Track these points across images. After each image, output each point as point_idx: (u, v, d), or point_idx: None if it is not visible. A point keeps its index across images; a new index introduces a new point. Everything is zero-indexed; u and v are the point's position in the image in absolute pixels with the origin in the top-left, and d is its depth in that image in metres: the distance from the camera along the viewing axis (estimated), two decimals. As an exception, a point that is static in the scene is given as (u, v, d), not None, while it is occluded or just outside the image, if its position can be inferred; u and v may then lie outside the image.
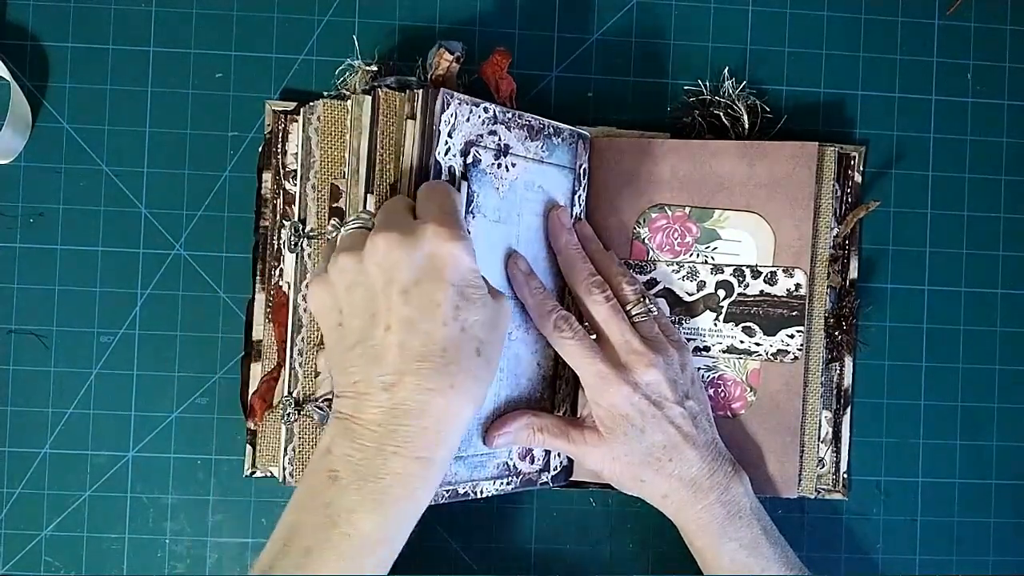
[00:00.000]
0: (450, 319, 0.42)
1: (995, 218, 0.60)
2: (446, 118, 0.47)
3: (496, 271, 0.51)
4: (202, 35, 0.57)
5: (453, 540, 0.58)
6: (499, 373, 0.52)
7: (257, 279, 0.55)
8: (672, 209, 0.55)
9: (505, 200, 0.51)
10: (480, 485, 0.51)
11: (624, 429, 0.50)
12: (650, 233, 0.56)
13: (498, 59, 0.53)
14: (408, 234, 0.41)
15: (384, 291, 0.42)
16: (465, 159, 0.49)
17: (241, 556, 0.57)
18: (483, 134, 0.49)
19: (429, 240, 0.41)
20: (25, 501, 0.56)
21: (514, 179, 0.51)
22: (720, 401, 0.56)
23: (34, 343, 0.56)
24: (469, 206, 0.49)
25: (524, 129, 0.52)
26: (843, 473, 0.58)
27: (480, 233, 0.50)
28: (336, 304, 0.43)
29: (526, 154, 0.52)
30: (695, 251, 0.55)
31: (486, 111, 0.49)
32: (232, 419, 0.56)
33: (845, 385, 0.58)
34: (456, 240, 0.42)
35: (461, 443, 0.50)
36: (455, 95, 0.48)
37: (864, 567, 0.59)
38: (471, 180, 0.49)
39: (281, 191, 0.55)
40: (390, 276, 0.41)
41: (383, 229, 0.42)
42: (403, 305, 0.41)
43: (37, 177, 0.56)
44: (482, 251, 0.50)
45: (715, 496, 0.51)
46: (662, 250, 0.56)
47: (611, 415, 0.50)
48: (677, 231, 0.55)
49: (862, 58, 0.59)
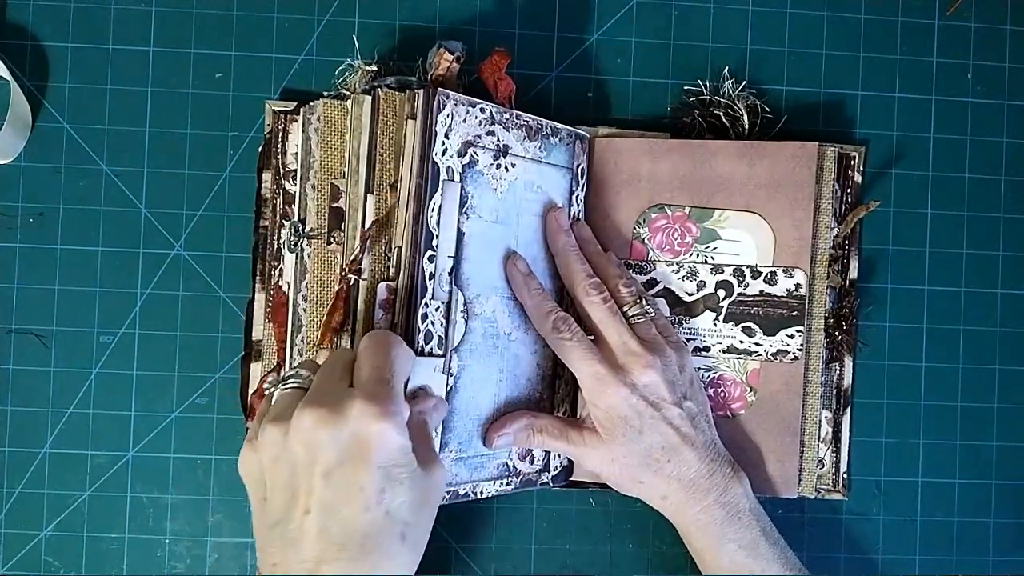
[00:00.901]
0: (373, 504, 0.40)
1: (995, 218, 0.60)
2: (442, 118, 0.47)
3: (494, 272, 0.51)
4: (202, 35, 0.57)
5: (453, 540, 0.58)
6: (499, 374, 0.52)
7: (257, 279, 0.55)
8: (672, 209, 0.55)
9: (504, 201, 0.51)
10: (480, 486, 0.52)
11: (622, 431, 0.50)
12: (650, 233, 0.55)
13: (497, 59, 0.53)
14: (335, 411, 0.39)
15: (307, 471, 0.40)
16: (462, 159, 0.49)
17: (241, 556, 0.57)
18: (481, 134, 0.49)
19: (355, 419, 0.39)
20: (25, 501, 0.56)
21: (513, 179, 0.51)
22: (720, 401, 0.55)
23: (34, 343, 0.56)
24: (463, 207, 0.49)
25: (523, 129, 0.52)
26: (843, 473, 0.58)
27: (477, 234, 0.50)
28: (261, 476, 0.42)
29: (525, 154, 0.52)
30: (695, 251, 0.55)
31: (483, 111, 0.49)
32: (232, 419, 0.56)
33: (845, 385, 0.58)
34: (384, 418, 0.39)
35: (460, 445, 0.50)
36: (451, 95, 0.48)
37: (864, 567, 0.59)
38: (465, 181, 0.49)
39: (281, 191, 0.55)
40: (313, 456, 0.40)
41: (312, 401, 0.40)
42: (324, 488, 0.39)
43: (37, 177, 0.56)
44: (479, 252, 0.50)
45: (714, 497, 0.51)
46: (662, 250, 0.56)
47: (609, 416, 0.50)
48: (677, 231, 0.55)
49: (862, 58, 0.59)
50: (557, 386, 0.55)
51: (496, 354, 0.52)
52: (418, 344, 0.47)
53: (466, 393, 0.50)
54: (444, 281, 0.48)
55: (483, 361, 0.51)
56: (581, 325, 0.51)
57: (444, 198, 0.48)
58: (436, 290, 0.48)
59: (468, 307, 0.50)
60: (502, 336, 0.52)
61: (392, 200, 0.49)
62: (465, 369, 0.50)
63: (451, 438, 0.50)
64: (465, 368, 0.50)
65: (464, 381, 0.50)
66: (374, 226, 0.50)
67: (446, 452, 0.49)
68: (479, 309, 0.50)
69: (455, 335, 0.49)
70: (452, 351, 0.49)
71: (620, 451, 0.51)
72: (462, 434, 0.50)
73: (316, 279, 0.53)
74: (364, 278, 0.50)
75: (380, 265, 0.50)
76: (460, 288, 0.49)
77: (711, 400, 0.55)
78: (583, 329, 0.51)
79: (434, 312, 0.48)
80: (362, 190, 0.50)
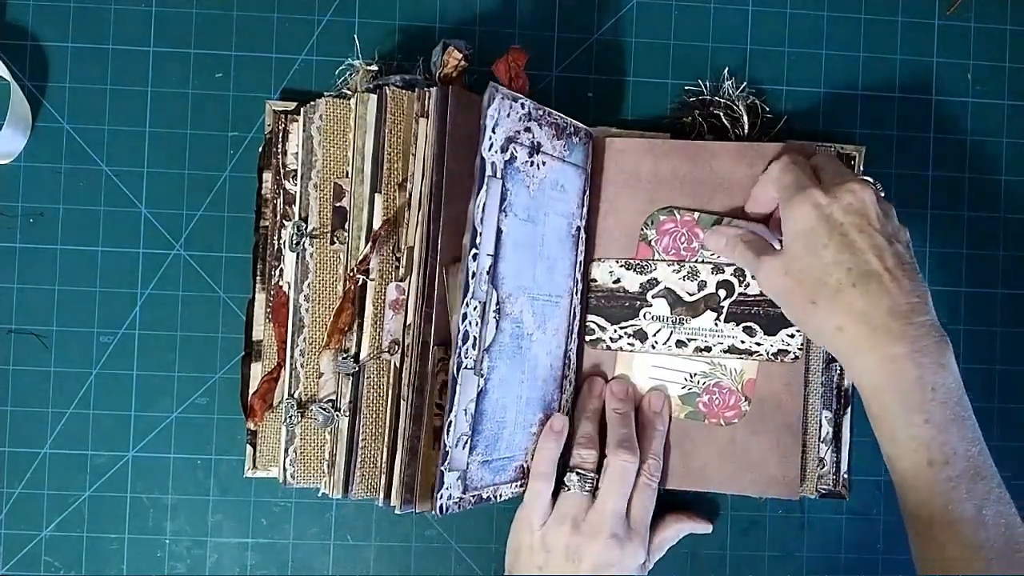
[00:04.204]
0: None
1: (995, 218, 0.60)
2: (491, 112, 0.46)
3: (524, 271, 0.50)
4: (202, 35, 0.57)
5: (453, 540, 0.58)
6: (521, 375, 0.51)
7: (257, 279, 0.55)
8: (681, 213, 0.55)
9: (534, 199, 0.50)
10: (500, 489, 0.51)
11: (805, 241, 0.46)
12: (657, 235, 0.55)
13: (514, 57, 0.53)
14: None
15: None
16: (504, 155, 0.48)
17: (241, 556, 0.57)
18: (519, 130, 0.48)
19: None
20: (25, 501, 0.56)
21: (543, 177, 0.51)
22: (713, 408, 0.55)
23: (34, 343, 0.56)
24: (503, 204, 0.48)
25: (552, 127, 0.51)
26: (843, 473, 0.58)
27: (512, 232, 0.49)
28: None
29: (553, 152, 0.51)
30: (700, 256, 0.55)
31: (523, 107, 0.48)
32: (232, 419, 0.56)
33: (845, 385, 0.58)
34: None
35: (487, 448, 0.49)
36: (500, 89, 0.46)
37: (864, 567, 0.59)
38: (505, 177, 0.48)
39: (281, 191, 0.55)
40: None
41: None
42: None
43: (37, 177, 0.56)
44: (513, 251, 0.49)
45: (905, 348, 0.42)
46: (667, 252, 0.55)
47: (796, 226, 0.46)
48: (684, 236, 0.55)
49: (862, 58, 0.59)
50: (564, 385, 0.55)
51: (520, 355, 0.51)
52: (456, 346, 0.46)
53: (494, 395, 0.49)
54: (483, 280, 0.47)
55: (509, 362, 0.50)
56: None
57: (488, 195, 0.47)
58: (476, 289, 0.47)
59: (500, 307, 0.49)
60: (526, 337, 0.51)
61: (401, 200, 0.49)
62: (495, 370, 0.49)
63: (479, 441, 0.49)
64: (495, 369, 0.49)
65: (493, 382, 0.49)
66: (384, 226, 0.49)
67: (474, 455, 0.49)
68: (509, 309, 0.50)
69: (487, 335, 0.48)
70: (484, 351, 0.48)
71: (798, 264, 0.46)
72: (489, 437, 0.49)
73: (318, 279, 0.53)
74: (372, 278, 0.50)
75: (388, 265, 0.50)
76: (495, 287, 0.48)
77: (706, 407, 0.55)
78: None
79: (472, 312, 0.47)
80: (367, 189, 0.50)
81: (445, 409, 0.46)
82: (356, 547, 0.57)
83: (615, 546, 0.50)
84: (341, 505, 0.57)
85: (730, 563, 0.58)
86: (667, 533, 0.56)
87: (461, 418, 0.47)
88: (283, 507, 0.57)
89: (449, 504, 0.47)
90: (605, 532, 0.51)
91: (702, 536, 0.58)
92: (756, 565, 0.58)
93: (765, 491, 0.55)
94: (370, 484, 0.51)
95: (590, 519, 0.51)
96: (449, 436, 0.46)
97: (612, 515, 0.51)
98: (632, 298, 0.56)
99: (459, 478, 0.48)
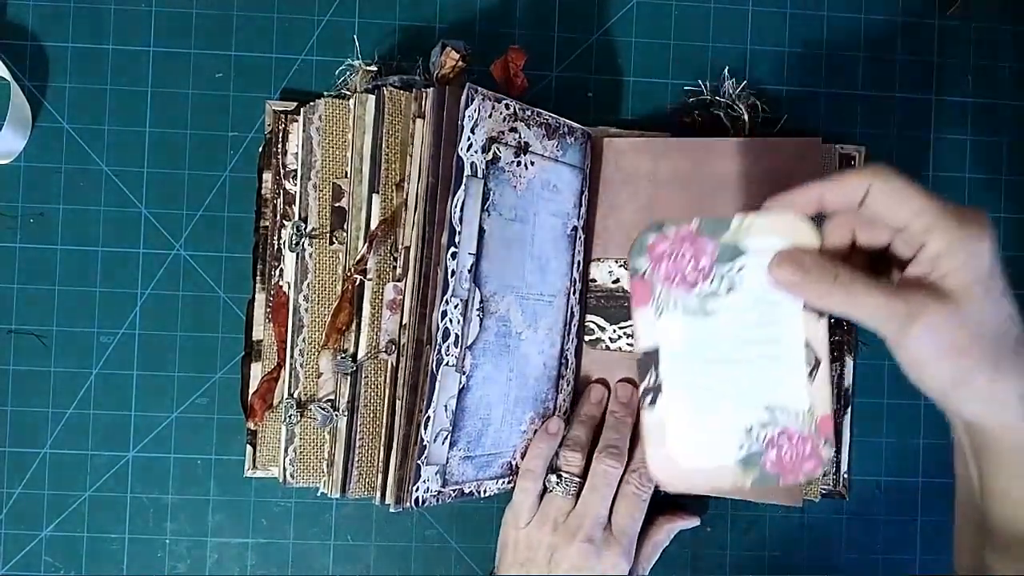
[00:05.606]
0: None
1: (995, 218, 0.60)
2: (470, 113, 0.47)
3: (511, 270, 0.51)
4: (202, 35, 0.57)
5: (453, 540, 0.58)
6: (509, 373, 0.52)
7: (257, 279, 0.55)
8: (673, 226, 0.40)
9: (522, 199, 0.51)
10: (484, 484, 0.52)
11: (982, 289, 0.35)
12: (650, 264, 0.41)
13: (513, 57, 0.53)
14: None
15: None
16: (486, 156, 0.48)
17: (241, 556, 0.57)
18: (504, 131, 0.49)
19: None
20: (25, 501, 0.56)
21: (532, 177, 0.51)
22: (787, 464, 0.40)
23: (34, 343, 0.56)
24: (485, 203, 0.48)
25: (542, 127, 0.51)
26: (843, 473, 0.58)
27: (497, 231, 0.49)
28: None
29: (543, 152, 0.52)
30: (716, 274, 0.40)
31: (507, 107, 0.49)
32: (232, 419, 0.56)
33: (845, 385, 0.58)
34: None
35: (469, 444, 0.50)
36: (480, 90, 0.47)
37: (864, 567, 0.59)
38: (488, 177, 0.48)
39: (281, 191, 0.55)
40: None
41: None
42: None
43: (37, 177, 0.56)
44: (498, 250, 0.49)
45: None
46: (671, 281, 0.41)
47: (979, 264, 0.35)
48: (686, 255, 0.41)
49: (862, 58, 0.59)
50: (560, 385, 0.55)
51: (507, 353, 0.51)
52: (435, 342, 0.47)
53: (478, 392, 0.50)
54: (464, 278, 0.48)
55: (495, 360, 0.51)
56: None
57: (467, 194, 0.47)
58: (456, 287, 0.48)
59: (484, 305, 0.49)
60: (514, 335, 0.52)
61: (399, 200, 0.49)
62: (478, 368, 0.50)
63: (460, 436, 0.49)
64: (478, 367, 0.50)
65: (476, 380, 0.50)
66: (381, 226, 0.49)
67: (455, 451, 0.49)
68: (494, 308, 0.50)
69: (470, 333, 0.49)
70: (466, 349, 0.49)
71: (977, 315, 0.35)
72: (471, 433, 0.50)
73: (318, 279, 0.53)
74: (370, 278, 0.50)
75: (386, 265, 0.50)
76: (478, 286, 0.49)
77: (774, 465, 0.40)
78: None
79: (453, 310, 0.48)
80: (366, 190, 0.50)
81: (423, 403, 0.47)
82: (356, 547, 0.57)
83: (590, 552, 0.51)
84: (341, 505, 0.57)
85: (730, 563, 0.58)
86: (659, 536, 0.55)
87: (441, 413, 0.48)
88: (283, 507, 0.57)
89: (427, 497, 0.48)
90: (579, 536, 0.51)
91: (703, 536, 0.58)
92: (756, 565, 0.58)
93: (768, 498, 0.54)
94: (367, 483, 0.51)
95: (568, 522, 0.51)
96: (427, 431, 0.47)
97: (588, 519, 0.51)
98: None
99: (438, 472, 0.49)
